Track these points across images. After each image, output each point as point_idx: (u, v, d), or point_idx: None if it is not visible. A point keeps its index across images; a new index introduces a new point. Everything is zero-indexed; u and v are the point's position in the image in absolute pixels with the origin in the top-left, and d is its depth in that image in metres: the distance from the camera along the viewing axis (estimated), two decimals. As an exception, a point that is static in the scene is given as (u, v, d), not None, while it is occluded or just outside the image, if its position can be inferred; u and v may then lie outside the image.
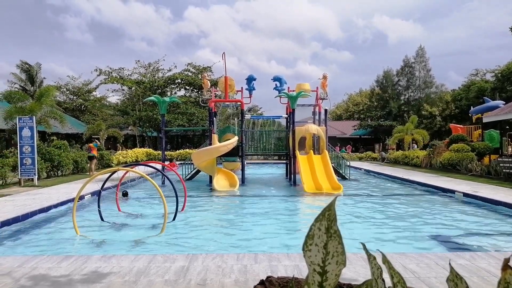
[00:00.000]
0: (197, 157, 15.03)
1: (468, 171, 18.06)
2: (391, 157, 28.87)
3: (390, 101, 50.21)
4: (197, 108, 41.60)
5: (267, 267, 4.85)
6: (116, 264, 5.05)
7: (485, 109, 24.24)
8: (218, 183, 14.89)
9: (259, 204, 11.67)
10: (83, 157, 20.53)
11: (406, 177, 17.32)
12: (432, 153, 22.81)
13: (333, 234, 0.81)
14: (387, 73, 52.36)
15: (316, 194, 13.42)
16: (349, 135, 51.52)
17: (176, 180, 11.28)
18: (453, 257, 5.34)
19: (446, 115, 44.69)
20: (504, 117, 19.91)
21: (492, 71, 44.99)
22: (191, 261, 5.16)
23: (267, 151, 18.74)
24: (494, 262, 5.03)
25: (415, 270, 4.73)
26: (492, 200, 10.64)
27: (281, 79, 19.25)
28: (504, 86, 38.25)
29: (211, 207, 11.57)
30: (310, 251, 0.82)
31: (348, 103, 69.48)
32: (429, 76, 50.40)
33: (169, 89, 45.25)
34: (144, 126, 42.56)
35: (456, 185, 13.79)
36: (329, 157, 16.15)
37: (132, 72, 44.46)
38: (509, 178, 14.88)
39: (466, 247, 6.77)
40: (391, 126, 41.82)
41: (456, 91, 47.84)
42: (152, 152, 31.92)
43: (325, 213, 0.81)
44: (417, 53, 50.90)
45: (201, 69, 44.02)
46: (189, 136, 53.39)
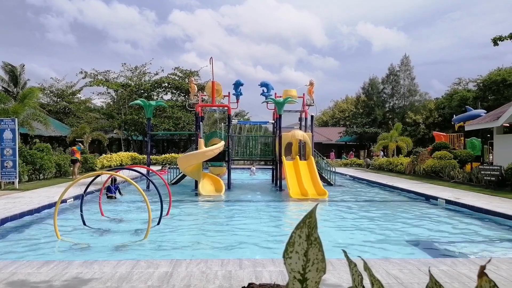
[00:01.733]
0: (183, 162, 14.93)
1: (450, 178, 18.38)
2: (375, 164, 29.21)
3: (375, 109, 50.87)
4: (183, 112, 41.40)
5: (251, 273, 4.83)
6: (98, 270, 4.96)
7: (467, 118, 24.75)
8: (204, 188, 14.81)
9: (245, 209, 11.64)
10: (66, 160, 20.17)
11: (390, 184, 17.53)
12: (415, 160, 23.16)
13: (314, 241, 0.81)
14: (373, 81, 53.08)
15: (302, 200, 13.47)
16: (335, 142, 51.96)
17: (161, 184, 11.17)
18: (435, 263, 5.41)
19: (429, 123, 45.50)
20: (485, 125, 20.38)
21: (474, 81, 46.09)
22: (175, 266, 5.10)
23: (253, 156, 18.75)
24: (475, 268, 5.12)
25: (398, 276, 4.78)
26: (474, 207, 10.84)
27: (268, 85, 19.33)
28: (486, 96, 39.24)
29: (196, 212, 11.49)
30: (290, 259, 0.82)
31: (334, 110, 70.15)
32: (413, 84, 51.29)
33: (155, 93, 44.94)
34: (130, 129, 42.13)
35: (438, 192, 14.02)
36: (314, 163, 16.25)
37: (118, 75, 44.08)
38: (490, 185, 15.20)
39: (448, 253, 6.88)
40: (376, 133, 42.37)
41: (439, 100, 48.80)
42: (137, 156, 31.59)
43: (306, 220, 0.82)
44: (402, 62, 51.78)
45: (188, 73, 43.89)
46: (175, 140, 53.03)
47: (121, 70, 44.45)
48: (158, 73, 44.99)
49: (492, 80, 39.14)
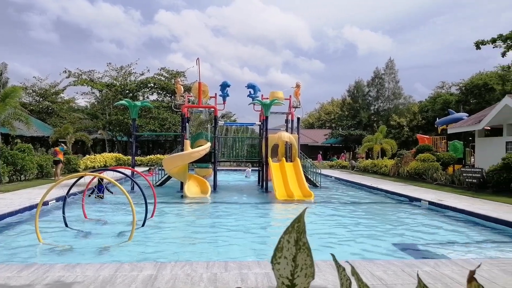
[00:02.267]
0: (168, 163, 14.80)
1: (433, 180, 18.69)
2: (360, 166, 29.50)
3: (361, 111, 51.44)
4: (169, 113, 41.09)
5: (237, 275, 4.80)
6: (81, 273, 4.87)
7: (450, 121, 25.25)
8: (190, 190, 14.71)
9: (231, 211, 11.61)
10: (48, 161, 19.78)
11: (375, 185, 17.72)
12: (399, 163, 23.48)
13: (302, 246, 0.80)
14: (358, 84, 53.68)
15: (288, 201, 13.50)
16: (320, 143, 52.30)
17: (146, 186, 11.05)
18: (419, 264, 5.48)
19: (413, 125, 46.23)
20: (467, 129, 20.81)
21: (457, 84, 47.06)
22: (159, 269, 5.04)
23: (240, 158, 18.72)
24: (457, 269, 5.20)
25: (382, 277, 4.82)
26: (456, 208, 11.04)
27: (255, 87, 19.34)
28: (468, 99, 40.08)
29: (182, 214, 11.40)
30: (279, 264, 0.81)
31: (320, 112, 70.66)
32: (397, 87, 52.07)
33: (141, 93, 44.50)
34: (114, 130, 41.59)
35: (422, 194, 14.23)
36: (300, 165, 16.31)
37: (103, 75, 43.48)
38: (471, 187, 15.51)
39: (431, 254, 6.98)
40: (361, 135, 42.83)
41: (423, 103, 49.64)
42: (122, 157, 31.19)
43: (294, 224, 0.81)
44: (387, 65, 52.52)
45: (175, 74, 43.60)
46: (160, 141, 52.58)
47: (106, 70, 43.91)
48: (144, 73, 44.58)
49: (474, 84, 40.02)
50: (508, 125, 17.75)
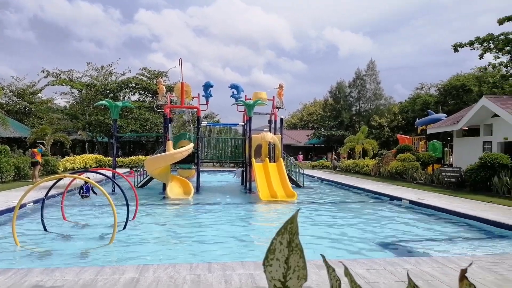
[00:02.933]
0: (150, 164, 14.62)
1: (413, 180, 19.04)
2: (342, 166, 29.81)
3: (343, 112, 51.99)
4: (151, 113, 40.59)
5: (221, 277, 4.77)
6: (60, 277, 4.74)
7: (429, 121, 25.79)
8: (172, 191, 14.56)
9: (214, 212, 11.55)
10: (25, 162, 19.26)
11: (357, 185, 17.94)
12: (381, 162, 23.83)
13: (295, 248, 0.79)
14: (340, 85, 54.25)
15: (271, 202, 13.51)
16: (303, 144, 52.63)
17: (127, 187, 10.88)
18: (400, 262, 5.56)
19: (393, 126, 47.01)
20: (445, 129, 21.29)
21: (435, 86, 48.07)
22: (141, 272, 4.96)
23: (223, 158, 18.66)
24: (437, 267, 5.30)
25: (365, 275, 4.87)
26: (436, 207, 11.27)
27: (238, 87, 19.31)
28: (446, 100, 41.00)
29: (164, 216, 11.27)
30: (271, 266, 0.79)
31: (302, 113, 71.07)
32: (378, 88, 52.85)
33: (122, 93, 43.79)
34: (95, 131, 40.83)
35: (402, 193, 14.47)
36: (284, 165, 16.36)
37: (83, 75, 42.60)
38: (450, 186, 15.87)
39: (412, 252, 7.10)
40: (343, 136, 43.30)
41: (403, 104, 50.54)
42: (103, 158, 30.65)
43: (287, 226, 0.79)
44: (368, 66, 53.26)
45: (156, 74, 43.10)
46: (142, 142, 51.90)
47: (86, 70, 43.00)
48: (125, 73, 43.90)
49: (452, 85, 40.97)
50: (485, 126, 18.25)
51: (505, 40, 22.69)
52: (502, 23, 22.92)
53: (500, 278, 4.82)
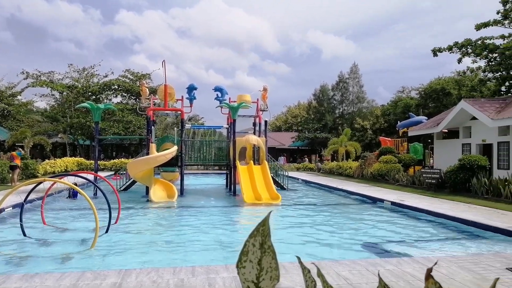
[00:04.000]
0: (133, 167, 14.45)
1: (395, 181, 19.35)
2: (326, 168, 30.07)
3: (326, 114, 52.47)
4: (134, 116, 40.13)
5: (204, 280, 4.75)
6: (40, 283, 4.65)
7: (410, 124, 26.27)
8: (155, 194, 14.41)
9: (198, 215, 11.49)
10: (4, 166, 18.77)
11: (340, 187, 18.12)
12: (363, 164, 24.14)
13: (267, 249, 0.80)
14: (323, 88, 54.75)
15: (256, 204, 13.52)
16: (287, 146, 52.86)
17: (109, 191, 10.72)
18: (382, 263, 5.65)
19: (376, 128, 47.67)
20: (426, 131, 21.73)
21: (416, 89, 48.99)
22: (124, 277, 4.90)
23: (207, 161, 18.59)
24: (418, 267, 5.40)
25: (348, 277, 4.92)
26: (417, 208, 11.48)
27: (222, 89, 19.30)
28: (427, 103, 41.83)
29: (147, 219, 11.15)
30: (244, 268, 0.81)
31: (287, 115, 71.39)
32: (361, 91, 53.53)
33: (104, 96, 43.17)
34: (76, 133, 40.11)
35: (385, 194, 14.69)
36: (268, 168, 16.41)
37: (64, 76, 41.82)
38: (431, 187, 16.19)
39: (393, 253, 7.21)
40: (327, 138, 43.69)
41: (385, 107, 51.33)
42: (84, 161, 30.15)
43: (259, 228, 0.81)
44: (351, 69, 53.91)
45: (140, 76, 42.66)
46: (125, 145, 51.25)
47: (67, 71, 42.19)
48: (107, 75, 43.28)
49: (433, 88, 41.83)
50: (464, 128, 18.71)
51: (482, 46, 23.34)
52: (479, 28, 23.57)
53: (478, 278, 4.94)
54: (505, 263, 5.59)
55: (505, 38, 23.50)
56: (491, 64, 24.78)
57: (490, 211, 10.63)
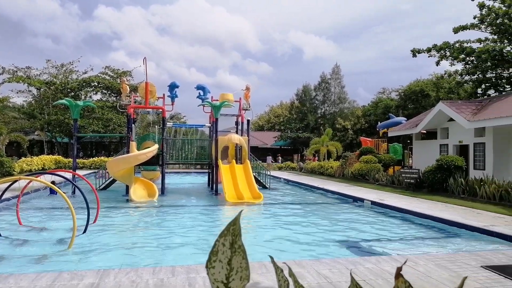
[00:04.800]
0: (113, 166, 14.21)
1: (375, 181, 19.65)
2: (308, 167, 30.29)
3: (308, 114, 52.88)
4: (114, 113, 39.47)
5: (185, 280, 4.71)
6: (14, 284, 4.51)
7: (390, 125, 26.73)
8: (136, 193, 14.21)
9: (179, 215, 11.39)
10: (-23, 164, 18.19)
11: (321, 186, 18.28)
12: (344, 164, 24.42)
13: (238, 249, 0.79)
14: (306, 88, 55.16)
15: (237, 204, 13.50)
16: (270, 145, 52.99)
17: (88, 190, 10.51)
18: (361, 261, 5.72)
19: (357, 128, 48.31)
20: (405, 132, 22.14)
21: (396, 90, 49.87)
22: (102, 277, 4.81)
23: (189, 160, 18.45)
24: (396, 265, 5.49)
25: (328, 275, 4.97)
26: (396, 207, 11.68)
27: (204, 88, 19.18)
28: (406, 104, 42.63)
29: (127, 219, 10.99)
30: (213, 268, 0.80)
31: (269, 115, 71.57)
32: (343, 92, 54.20)
33: (83, 92, 42.31)
34: (54, 131, 39.18)
35: (365, 194, 14.90)
36: (250, 167, 16.41)
37: (41, 72, 40.77)
38: (409, 187, 16.50)
39: (373, 251, 7.32)
40: (309, 138, 44.03)
41: (366, 107, 52.07)
42: (62, 159, 29.47)
43: (229, 227, 0.80)
44: (333, 70, 54.50)
45: (120, 73, 41.98)
46: (105, 143, 50.39)
47: (45, 67, 41.18)
48: (87, 72, 42.42)
49: (412, 90, 42.67)
50: (441, 129, 19.14)
51: (459, 49, 23.93)
52: (457, 32, 24.17)
53: (454, 275, 5.06)
54: (480, 261, 5.74)
55: (482, 42, 24.18)
56: (468, 67, 25.46)
57: (466, 210, 10.91)
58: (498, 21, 23.00)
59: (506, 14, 22.14)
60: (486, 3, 23.22)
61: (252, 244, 8.09)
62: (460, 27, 24.02)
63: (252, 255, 6.79)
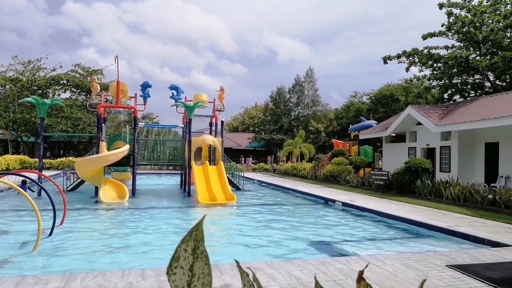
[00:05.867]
0: (81, 166, 13.80)
1: (346, 182, 20.01)
2: (281, 169, 30.50)
3: (282, 116, 53.31)
4: (84, 112, 38.41)
5: (155, 283, 4.63)
6: (-29, 291, 4.30)
7: (361, 128, 27.31)
8: (105, 195, 13.85)
9: (150, 217, 11.19)
10: None
11: (294, 188, 18.44)
12: (317, 166, 24.75)
13: (200, 254, 0.78)
14: (280, 90, 55.61)
15: (210, 205, 13.41)
16: (244, 147, 53.00)
17: (55, 191, 10.16)
18: (332, 262, 5.80)
19: (329, 131, 49.11)
20: (376, 135, 22.69)
21: (367, 94, 51.07)
22: (68, 281, 4.65)
23: (161, 161, 18.18)
24: (364, 266, 5.60)
25: (299, 276, 5.01)
26: (366, 208, 11.94)
27: (178, 88, 18.96)
28: (377, 108, 43.71)
29: (96, 221, 10.69)
30: (174, 275, 0.78)
31: (244, 116, 71.61)
32: (316, 95, 55.01)
33: (51, 90, 40.92)
34: (19, 130, 37.67)
35: (336, 195, 15.14)
36: (224, 168, 16.34)
37: (7, 69, 39.14)
38: (379, 188, 16.91)
39: (343, 252, 7.44)
40: (283, 140, 44.37)
41: (338, 110, 53.03)
42: (28, 159, 28.38)
43: (192, 233, 0.79)
44: (307, 73, 55.20)
45: (91, 71, 40.90)
46: (73, 143, 48.90)
47: (11, 63, 39.59)
48: (55, 69, 41.09)
49: (382, 94, 43.82)
50: (410, 132, 19.74)
51: (427, 55, 24.78)
52: (425, 38, 25.01)
53: (420, 275, 5.22)
54: (445, 261, 5.95)
55: (449, 49, 25.14)
56: (435, 72, 26.39)
57: (432, 211, 11.28)
58: (464, 29, 23.99)
59: (472, 22, 23.13)
60: (454, 12, 24.18)
61: (224, 245, 8.06)
62: (428, 34, 24.88)
63: (224, 257, 6.76)
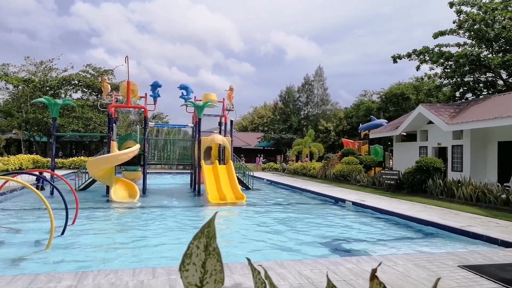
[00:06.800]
0: (93, 166, 13.95)
1: (357, 182, 19.89)
2: (291, 168, 30.44)
3: (292, 116, 53.19)
4: (95, 112, 38.82)
5: (165, 282, 4.66)
6: (-13, 288, 4.37)
7: (371, 127, 27.13)
8: (116, 194, 13.98)
9: (160, 216, 11.27)
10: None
11: (304, 187, 18.39)
12: (326, 165, 24.64)
13: (212, 251, 0.79)
14: (289, 89, 55.50)
15: (220, 205, 13.45)
16: (253, 146, 53.04)
17: (67, 190, 10.30)
18: (342, 261, 5.77)
19: (339, 130, 48.90)
20: (386, 134, 22.50)
21: (377, 93, 50.69)
22: (80, 279, 4.71)
23: (171, 160, 18.29)
24: (376, 265, 5.57)
25: (309, 276, 4.99)
26: (376, 208, 11.86)
27: (187, 88, 19.06)
28: (387, 107, 43.37)
29: (107, 220, 10.80)
30: (187, 271, 0.79)
31: (253, 115, 71.65)
32: (325, 94, 54.76)
33: (63, 91, 41.47)
34: (32, 130, 38.25)
35: (346, 195, 15.06)
36: (233, 168, 16.37)
37: (19, 69, 39.76)
38: (390, 188, 16.77)
39: (354, 252, 7.40)
40: (292, 139, 44.29)
41: (348, 109, 52.75)
42: (41, 159, 28.79)
43: (204, 230, 0.79)
44: (316, 72, 55.00)
45: (102, 72, 41.32)
46: (85, 142, 49.47)
47: (23, 64, 40.19)
48: (67, 70, 41.61)
49: (393, 93, 43.44)
50: (421, 131, 19.53)
51: (438, 53, 24.50)
52: (436, 37, 24.73)
53: (432, 275, 5.16)
54: (457, 261, 5.88)
55: (460, 46, 24.82)
56: (447, 71, 26.08)
57: (444, 211, 11.15)
58: (475, 27, 23.64)
59: (483, 20, 22.78)
60: (464, 9, 23.85)
61: (234, 245, 8.07)
62: (439, 32, 24.60)
63: (234, 256, 6.78)
